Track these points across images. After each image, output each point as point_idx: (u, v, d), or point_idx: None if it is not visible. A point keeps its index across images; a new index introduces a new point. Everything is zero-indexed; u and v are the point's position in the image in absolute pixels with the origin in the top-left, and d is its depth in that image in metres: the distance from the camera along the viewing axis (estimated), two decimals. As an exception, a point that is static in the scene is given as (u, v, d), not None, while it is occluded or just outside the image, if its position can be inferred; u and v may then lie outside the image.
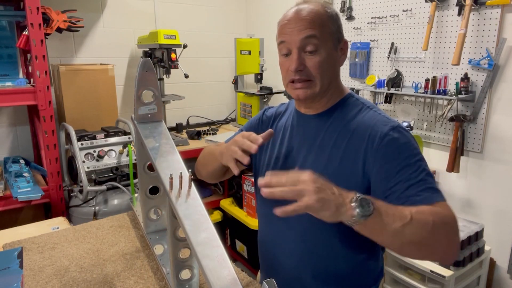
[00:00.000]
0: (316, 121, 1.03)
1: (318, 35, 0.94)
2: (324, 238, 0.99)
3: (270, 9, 3.13)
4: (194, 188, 0.88)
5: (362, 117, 0.98)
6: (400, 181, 0.87)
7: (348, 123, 0.98)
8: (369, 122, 0.96)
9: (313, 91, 0.97)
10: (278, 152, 1.08)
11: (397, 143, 0.90)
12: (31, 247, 1.20)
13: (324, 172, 0.97)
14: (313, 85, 0.97)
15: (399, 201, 0.85)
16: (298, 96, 0.98)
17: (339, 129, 0.99)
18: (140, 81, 1.03)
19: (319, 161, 0.98)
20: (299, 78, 0.96)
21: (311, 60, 0.95)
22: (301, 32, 0.94)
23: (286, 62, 0.98)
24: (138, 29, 2.78)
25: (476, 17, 1.87)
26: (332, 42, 0.98)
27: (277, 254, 1.07)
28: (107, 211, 2.08)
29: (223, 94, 3.37)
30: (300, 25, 0.94)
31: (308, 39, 0.94)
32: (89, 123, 2.32)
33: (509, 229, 1.91)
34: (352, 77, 2.54)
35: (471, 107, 1.95)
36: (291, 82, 0.98)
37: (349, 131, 0.97)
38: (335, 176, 0.95)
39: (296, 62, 0.95)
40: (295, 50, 0.95)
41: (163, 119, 1.11)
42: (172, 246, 0.89)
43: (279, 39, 0.99)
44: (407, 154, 0.90)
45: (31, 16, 1.89)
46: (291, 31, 0.95)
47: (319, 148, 0.99)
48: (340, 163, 0.95)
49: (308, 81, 0.96)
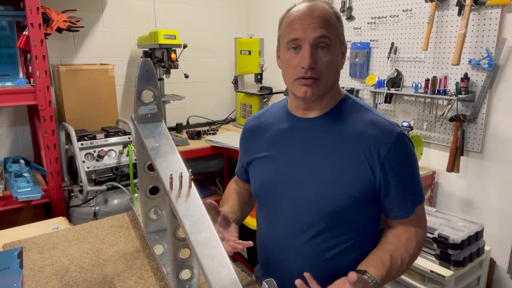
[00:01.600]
0: (315, 125, 1.02)
1: (330, 36, 0.95)
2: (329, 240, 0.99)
3: (270, 9, 3.13)
4: (194, 188, 0.88)
5: (363, 120, 0.99)
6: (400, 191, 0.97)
7: (350, 125, 0.99)
8: (373, 126, 0.97)
9: (319, 90, 0.97)
10: (276, 158, 1.06)
11: (401, 154, 0.97)
12: (31, 247, 1.20)
13: (330, 175, 0.97)
14: (320, 84, 0.96)
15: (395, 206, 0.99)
16: (305, 93, 0.96)
17: (341, 132, 0.99)
18: (140, 81, 1.03)
19: (324, 164, 0.98)
20: (310, 76, 0.95)
21: (322, 58, 0.95)
22: (315, 30, 0.93)
23: (295, 58, 0.96)
24: (138, 29, 2.78)
25: (476, 17, 1.87)
26: (339, 44, 0.98)
27: (282, 258, 1.06)
28: (107, 211, 2.08)
29: (223, 94, 3.37)
30: (314, 23, 0.93)
31: (321, 38, 0.94)
32: (89, 123, 2.32)
33: (509, 229, 1.91)
34: (352, 77, 2.54)
35: (471, 107, 1.95)
36: (299, 79, 0.96)
37: (351, 134, 0.97)
38: (340, 179, 0.96)
39: (310, 59, 0.93)
40: (307, 47, 0.93)
41: (163, 119, 1.11)
42: (172, 246, 0.89)
43: (291, 35, 0.95)
44: (408, 165, 0.99)
45: (31, 16, 1.89)
46: (304, 27, 0.93)
47: (322, 152, 0.99)
48: (345, 167, 0.96)
49: (316, 79, 0.96)
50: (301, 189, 1.00)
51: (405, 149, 0.97)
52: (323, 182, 0.97)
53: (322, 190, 0.97)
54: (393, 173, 0.96)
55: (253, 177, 1.13)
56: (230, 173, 2.87)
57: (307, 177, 0.99)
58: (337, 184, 0.96)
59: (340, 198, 0.96)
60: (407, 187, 0.98)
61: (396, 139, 0.95)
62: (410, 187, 0.99)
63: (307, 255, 1.01)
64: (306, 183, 0.99)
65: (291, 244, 1.03)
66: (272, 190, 1.06)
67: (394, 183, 0.96)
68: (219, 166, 3.18)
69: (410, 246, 0.98)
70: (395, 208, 0.99)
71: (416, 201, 1.00)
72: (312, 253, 1.01)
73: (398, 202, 0.98)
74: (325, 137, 1.00)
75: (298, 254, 1.03)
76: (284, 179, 1.03)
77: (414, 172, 1.00)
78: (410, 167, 0.99)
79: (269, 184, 1.06)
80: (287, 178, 1.02)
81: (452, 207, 2.13)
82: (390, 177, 0.96)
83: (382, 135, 0.95)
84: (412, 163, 0.99)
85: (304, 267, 1.01)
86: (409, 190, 0.99)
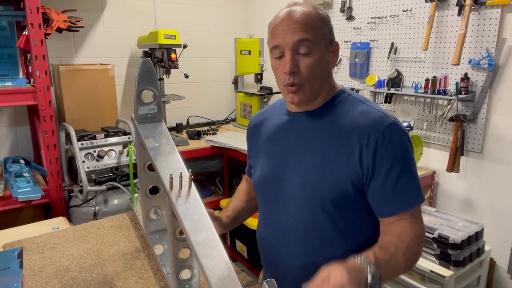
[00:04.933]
0: (308, 119, 1.03)
1: (311, 38, 0.94)
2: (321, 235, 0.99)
3: (270, 9, 3.13)
4: (194, 188, 0.88)
5: (356, 112, 0.98)
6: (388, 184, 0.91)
7: (342, 118, 0.98)
8: (364, 116, 0.96)
9: (305, 95, 0.98)
10: (272, 153, 1.08)
11: (392, 142, 0.92)
12: (31, 247, 1.20)
13: (320, 169, 0.97)
14: (304, 90, 0.97)
15: (381, 200, 0.93)
16: (292, 99, 0.99)
17: (333, 125, 0.99)
18: (140, 81, 1.04)
19: (314, 158, 0.98)
20: (292, 82, 0.96)
21: (304, 62, 0.95)
22: (294, 34, 0.93)
23: (280, 65, 0.97)
24: (138, 29, 2.78)
25: (476, 17, 1.87)
26: (324, 44, 0.98)
27: (282, 256, 1.06)
28: (107, 211, 2.08)
29: (223, 94, 3.37)
30: (293, 27, 0.93)
31: (301, 42, 0.93)
32: (89, 123, 2.32)
33: (509, 229, 1.91)
34: (352, 77, 2.53)
35: (471, 107, 1.95)
36: (286, 86, 0.98)
37: (343, 126, 0.97)
38: (330, 172, 0.96)
39: (290, 63, 0.94)
40: (288, 52, 0.94)
41: (163, 119, 1.11)
42: (172, 246, 0.89)
43: (272, 43, 0.97)
44: (399, 153, 0.92)
45: (31, 16, 1.89)
46: (284, 33, 0.94)
47: (314, 146, 0.99)
48: (335, 159, 0.95)
49: (299, 86, 0.96)
50: (291, 185, 1.01)
51: (397, 139, 0.92)
52: (312, 177, 0.97)
53: (311, 185, 0.97)
54: (382, 163, 0.91)
55: (253, 174, 1.16)
56: (230, 173, 2.87)
57: (297, 173, 1.00)
58: (326, 178, 0.95)
59: (329, 192, 0.94)
60: (398, 180, 0.91)
61: (386, 128, 0.92)
62: (401, 181, 0.91)
63: (301, 250, 1.01)
64: (296, 179, 1.00)
65: (285, 239, 1.04)
66: (267, 185, 1.08)
67: (382, 174, 0.91)
68: (219, 166, 3.18)
69: (405, 238, 0.89)
70: (382, 203, 0.93)
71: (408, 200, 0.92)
72: (305, 248, 1.01)
73: (386, 197, 0.92)
74: (317, 131, 1.00)
75: (292, 248, 1.03)
76: (277, 175, 1.04)
77: (407, 165, 0.92)
78: (402, 158, 0.92)
79: (264, 180, 1.09)
80: (280, 174, 1.04)
81: (452, 207, 2.13)
82: (379, 167, 0.91)
83: (373, 124, 0.93)
84: (404, 154, 0.93)
85: (299, 262, 1.01)
86: (400, 183, 0.91)
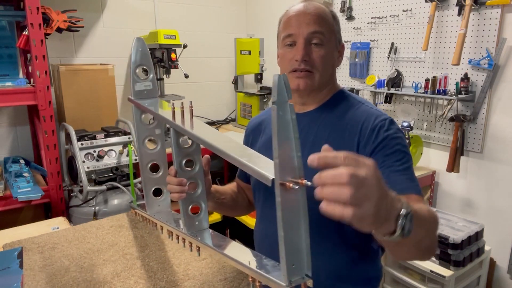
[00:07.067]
0: (308, 119, 1.04)
1: (325, 32, 0.98)
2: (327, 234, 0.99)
3: (270, 9, 3.13)
4: (196, 119, 0.92)
5: (354, 112, 1.00)
6: (383, 166, 0.90)
7: (341, 118, 1.00)
8: (361, 116, 0.98)
9: (313, 82, 1.00)
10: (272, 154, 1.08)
11: (387, 133, 0.94)
12: (31, 247, 1.20)
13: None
14: (313, 77, 1.00)
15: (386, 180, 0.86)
16: (298, 85, 1.00)
17: (332, 125, 1.00)
18: (134, 58, 1.08)
19: None
20: (303, 68, 0.98)
21: (316, 53, 0.99)
22: (309, 25, 0.97)
23: (290, 52, 1.00)
24: (138, 29, 2.78)
25: (476, 17, 1.87)
26: (334, 41, 1.02)
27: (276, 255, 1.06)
28: (107, 211, 2.08)
29: (223, 94, 3.37)
30: (308, 19, 0.98)
31: (315, 33, 0.98)
32: (89, 123, 2.32)
33: (509, 229, 1.91)
34: (352, 77, 2.53)
35: (471, 107, 1.95)
36: (292, 71, 1.00)
37: (342, 125, 0.99)
38: None
39: (303, 51, 0.97)
40: (301, 41, 0.98)
41: (158, 96, 1.15)
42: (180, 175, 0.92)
43: (286, 32, 1.00)
44: (395, 143, 0.93)
45: (31, 16, 1.89)
46: (299, 23, 0.98)
47: (313, 145, 1.00)
48: None
49: (309, 72, 0.99)
50: None
51: (392, 130, 0.94)
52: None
53: None
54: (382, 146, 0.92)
55: None
56: (230, 173, 2.87)
57: None
58: None
59: None
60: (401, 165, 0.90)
61: (381, 123, 0.95)
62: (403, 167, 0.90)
63: None
64: None
65: None
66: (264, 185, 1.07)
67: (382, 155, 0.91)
68: (219, 166, 3.18)
69: (431, 214, 0.75)
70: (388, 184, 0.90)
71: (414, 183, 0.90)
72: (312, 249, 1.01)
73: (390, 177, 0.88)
74: (316, 130, 1.01)
75: None
76: None
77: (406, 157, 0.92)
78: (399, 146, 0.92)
79: None
80: None
81: (452, 207, 2.13)
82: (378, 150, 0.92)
83: (368, 120, 0.96)
84: (403, 145, 0.93)
85: None
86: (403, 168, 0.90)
